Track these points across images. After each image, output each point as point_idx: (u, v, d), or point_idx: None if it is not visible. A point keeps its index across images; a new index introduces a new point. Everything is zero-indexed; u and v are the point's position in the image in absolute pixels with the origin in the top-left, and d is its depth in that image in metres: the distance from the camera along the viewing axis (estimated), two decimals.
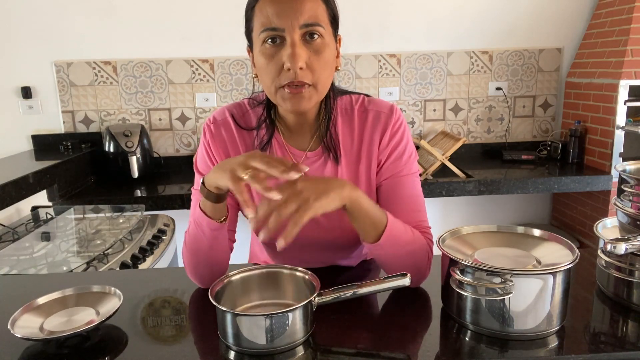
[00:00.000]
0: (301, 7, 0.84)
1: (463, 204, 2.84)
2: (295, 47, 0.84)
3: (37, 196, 1.97)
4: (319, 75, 0.87)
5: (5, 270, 1.42)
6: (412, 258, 0.90)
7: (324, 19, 0.87)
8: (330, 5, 0.89)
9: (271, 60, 0.86)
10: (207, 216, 0.89)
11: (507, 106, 2.77)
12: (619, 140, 2.35)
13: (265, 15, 0.84)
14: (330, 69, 0.91)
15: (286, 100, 0.88)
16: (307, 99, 0.88)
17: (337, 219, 1.01)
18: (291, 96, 0.87)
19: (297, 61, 0.83)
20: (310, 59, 0.86)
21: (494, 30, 2.67)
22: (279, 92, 0.88)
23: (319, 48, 0.86)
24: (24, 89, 2.51)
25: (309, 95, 0.88)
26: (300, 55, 0.84)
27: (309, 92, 0.87)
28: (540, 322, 0.74)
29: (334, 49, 0.91)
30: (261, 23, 0.85)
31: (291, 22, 0.83)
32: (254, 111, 1.02)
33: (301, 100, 0.88)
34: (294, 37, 0.84)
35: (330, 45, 0.89)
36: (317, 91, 0.89)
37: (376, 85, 2.70)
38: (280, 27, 0.84)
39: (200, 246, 0.93)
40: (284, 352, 0.73)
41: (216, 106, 2.63)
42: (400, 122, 1.00)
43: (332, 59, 0.91)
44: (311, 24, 0.84)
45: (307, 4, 0.84)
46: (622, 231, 0.89)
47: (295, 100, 0.88)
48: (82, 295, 0.85)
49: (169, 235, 1.87)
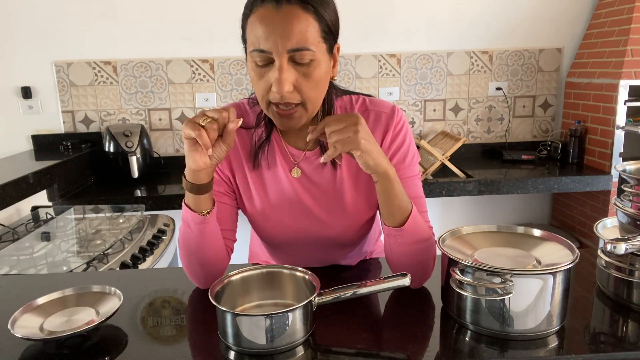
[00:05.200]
0: (290, 31, 0.81)
1: (463, 204, 2.84)
2: (282, 73, 0.83)
3: (37, 196, 1.97)
4: (307, 95, 0.87)
5: (5, 270, 1.42)
6: (423, 255, 0.91)
7: (314, 40, 0.84)
8: (325, 19, 0.85)
9: (260, 78, 0.86)
10: (190, 209, 0.89)
11: (507, 106, 2.77)
12: (619, 140, 2.35)
13: (255, 35, 0.83)
14: (322, 86, 0.90)
15: (276, 118, 0.90)
16: (297, 119, 0.89)
17: (338, 217, 1.01)
18: (280, 116, 0.88)
19: (283, 86, 0.83)
20: (299, 81, 0.85)
21: (494, 30, 2.67)
22: (270, 108, 0.89)
23: (307, 71, 0.85)
24: (24, 89, 2.51)
25: (298, 115, 0.88)
26: (286, 80, 0.83)
27: (298, 112, 0.88)
28: (540, 322, 0.74)
29: (327, 65, 0.89)
30: (251, 42, 0.85)
31: (279, 46, 0.82)
32: (252, 110, 1.02)
33: (290, 120, 0.89)
34: (282, 62, 0.83)
35: (322, 62, 0.87)
36: (306, 110, 0.89)
37: (376, 85, 2.70)
38: (267, 50, 0.82)
39: (189, 244, 0.93)
40: (284, 352, 0.73)
41: (216, 106, 2.63)
42: (402, 123, 0.99)
43: (324, 76, 0.89)
44: (299, 49, 0.82)
45: (296, 26, 0.81)
46: (622, 231, 0.89)
47: (284, 120, 0.89)
48: (82, 296, 0.85)
49: (169, 235, 1.86)
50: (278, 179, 1.00)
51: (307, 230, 1.03)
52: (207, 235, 0.92)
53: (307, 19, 0.82)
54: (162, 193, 2.28)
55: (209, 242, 0.93)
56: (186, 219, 0.91)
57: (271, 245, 1.11)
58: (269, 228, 1.04)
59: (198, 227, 0.90)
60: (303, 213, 1.01)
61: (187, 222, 0.91)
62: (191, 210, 0.89)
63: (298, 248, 1.07)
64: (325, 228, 1.02)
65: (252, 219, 1.06)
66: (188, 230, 0.92)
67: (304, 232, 1.03)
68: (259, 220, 1.04)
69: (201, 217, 0.89)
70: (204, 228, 0.90)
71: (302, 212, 1.01)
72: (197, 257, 0.93)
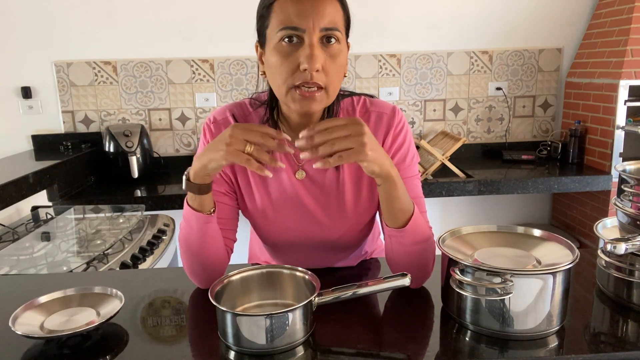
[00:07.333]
0: (323, 10, 0.84)
1: (463, 204, 2.84)
2: (314, 49, 0.84)
3: (37, 196, 1.97)
4: (332, 79, 0.87)
5: (5, 270, 1.42)
6: (424, 255, 0.91)
7: (341, 24, 0.88)
8: (347, 12, 0.91)
9: (286, 59, 0.85)
10: (194, 209, 0.89)
11: (507, 106, 2.77)
12: (619, 140, 2.35)
13: (286, 13, 0.84)
14: (342, 74, 0.91)
15: (296, 102, 0.88)
16: (318, 102, 0.88)
17: (339, 219, 1.02)
18: (302, 98, 0.87)
19: (315, 62, 0.83)
20: (326, 63, 0.86)
21: (494, 30, 2.67)
22: (290, 92, 0.87)
23: (335, 52, 0.87)
24: (24, 89, 2.51)
25: (320, 98, 0.88)
26: (318, 57, 0.84)
27: (320, 95, 0.87)
28: (540, 322, 0.74)
29: (346, 55, 0.92)
30: (280, 20, 0.85)
31: (312, 23, 0.83)
32: (256, 112, 1.02)
33: (312, 102, 0.87)
34: (313, 39, 0.84)
35: (344, 51, 0.90)
36: (327, 95, 0.89)
37: (376, 85, 2.70)
38: (301, 27, 0.83)
39: (191, 244, 0.93)
40: (284, 352, 0.73)
41: (216, 106, 2.63)
42: (403, 124, 1.00)
43: (345, 65, 0.91)
44: (331, 29, 0.85)
45: (329, 7, 0.85)
46: (622, 231, 0.89)
47: (306, 102, 0.87)
48: (84, 296, 0.85)
49: (169, 235, 1.86)
50: (281, 180, 1.00)
51: (308, 233, 1.03)
52: (209, 234, 0.92)
53: (335, 4, 0.87)
54: (162, 193, 2.28)
55: (211, 242, 0.93)
56: (189, 219, 0.91)
57: (271, 246, 1.10)
58: (269, 229, 1.04)
59: (201, 227, 0.90)
60: (304, 215, 1.01)
61: (190, 222, 0.91)
62: (195, 210, 0.89)
63: (298, 250, 1.07)
64: (325, 231, 1.02)
65: (253, 220, 1.06)
66: (190, 230, 0.92)
67: (304, 234, 1.03)
68: (260, 221, 1.04)
69: (205, 217, 0.89)
70: (207, 228, 0.91)
71: (304, 214, 1.01)
72: (198, 257, 0.93)
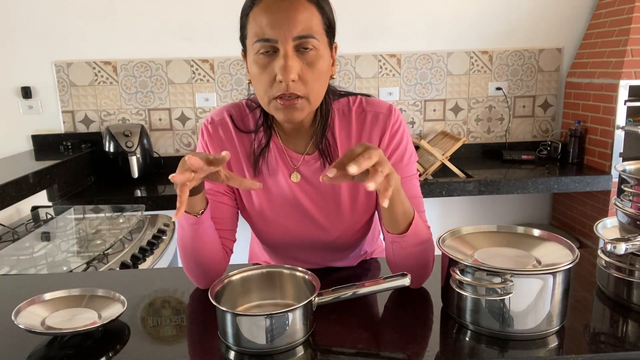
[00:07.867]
0: (295, 18, 0.82)
1: (463, 204, 2.84)
2: (288, 60, 0.83)
3: (37, 196, 1.97)
4: (311, 87, 0.86)
5: (5, 270, 1.42)
6: (424, 255, 0.91)
7: (318, 29, 0.85)
8: (326, 14, 0.88)
9: (264, 70, 0.85)
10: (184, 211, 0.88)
11: (507, 106, 2.77)
12: (619, 140, 2.35)
13: (259, 24, 0.83)
14: (324, 80, 0.90)
15: (279, 111, 0.88)
16: (300, 111, 0.88)
17: (336, 220, 1.02)
18: (283, 107, 0.87)
19: (289, 73, 0.82)
20: (303, 71, 0.85)
21: (494, 30, 2.67)
22: (272, 102, 0.87)
23: (312, 60, 0.85)
24: (24, 89, 2.51)
25: (301, 106, 0.87)
26: (292, 67, 0.83)
27: (301, 103, 0.87)
28: (540, 322, 0.74)
29: (328, 59, 0.90)
30: (254, 33, 0.85)
31: (284, 33, 0.82)
32: (252, 114, 1.02)
33: (294, 111, 0.87)
34: (287, 49, 0.83)
35: (325, 55, 0.88)
36: (309, 103, 0.88)
37: (376, 85, 2.69)
38: (273, 38, 0.83)
39: (186, 246, 0.93)
40: (284, 352, 0.73)
41: (216, 106, 2.63)
42: (400, 123, 0.99)
43: (326, 69, 0.89)
44: (304, 36, 0.83)
45: (302, 14, 0.83)
46: (622, 231, 0.89)
47: (287, 111, 0.87)
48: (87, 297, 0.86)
49: (169, 235, 1.87)
50: (278, 183, 1.00)
51: (306, 234, 1.03)
52: (201, 235, 0.91)
53: (311, 9, 0.84)
54: (162, 193, 2.28)
55: (204, 242, 0.92)
56: (181, 221, 0.90)
57: (270, 246, 1.11)
58: (267, 230, 1.04)
59: (192, 227, 0.90)
60: (302, 216, 1.01)
61: (181, 224, 0.91)
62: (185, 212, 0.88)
63: (296, 250, 1.07)
64: (323, 232, 1.02)
65: (251, 221, 1.06)
66: (182, 231, 0.92)
67: (302, 235, 1.03)
68: (258, 222, 1.04)
69: (195, 218, 0.88)
70: (198, 228, 0.90)
71: (301, 216, 1.01)
72: (193, 258, 0.93)
